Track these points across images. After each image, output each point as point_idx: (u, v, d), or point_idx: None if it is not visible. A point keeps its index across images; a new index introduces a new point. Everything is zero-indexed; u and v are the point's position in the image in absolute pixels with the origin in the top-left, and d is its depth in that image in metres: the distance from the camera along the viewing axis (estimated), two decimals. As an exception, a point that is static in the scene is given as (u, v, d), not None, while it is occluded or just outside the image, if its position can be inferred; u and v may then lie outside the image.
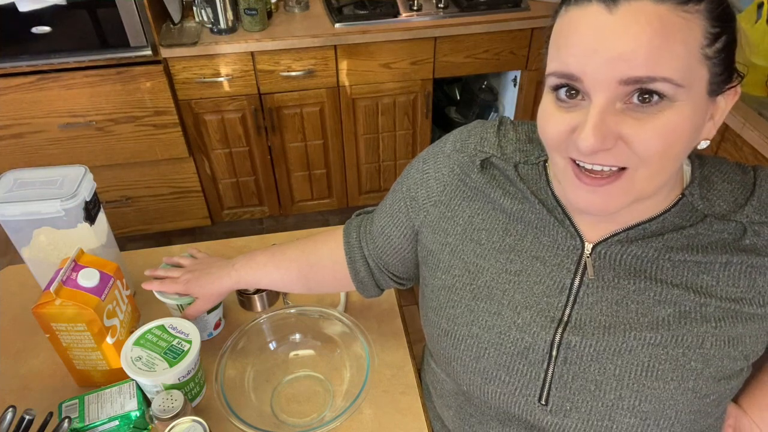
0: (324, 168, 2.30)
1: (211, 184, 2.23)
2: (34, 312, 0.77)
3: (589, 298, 0.60)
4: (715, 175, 0.61)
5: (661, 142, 0.49)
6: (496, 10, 2.05)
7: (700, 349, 0.57)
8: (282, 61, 1.96)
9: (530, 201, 0.64)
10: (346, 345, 0.86)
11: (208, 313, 0.91)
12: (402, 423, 0.83)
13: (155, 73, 1.87)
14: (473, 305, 0.65)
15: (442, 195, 0.70)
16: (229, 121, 2.06)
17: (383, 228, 0.78)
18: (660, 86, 0.47)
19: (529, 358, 0.62)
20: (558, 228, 0.62)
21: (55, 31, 1.74)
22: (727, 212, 0.59)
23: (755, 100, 1.63)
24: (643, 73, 0.46)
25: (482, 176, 0.67)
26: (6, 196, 0.86)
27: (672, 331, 0.58)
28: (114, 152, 2.02)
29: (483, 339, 0.64)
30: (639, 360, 0.58)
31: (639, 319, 0.59)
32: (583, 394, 0.60)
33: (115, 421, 0.77)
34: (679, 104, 0.48)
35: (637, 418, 0.59)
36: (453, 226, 0.68)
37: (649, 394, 0.58)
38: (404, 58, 2.04)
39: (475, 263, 0.66)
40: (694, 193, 0.59)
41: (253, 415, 0.78)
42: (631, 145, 0.49)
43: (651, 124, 0.48)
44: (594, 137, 0.48)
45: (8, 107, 1.85)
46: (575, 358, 0.60)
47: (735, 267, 0.57)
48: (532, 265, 0.63)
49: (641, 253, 0.59)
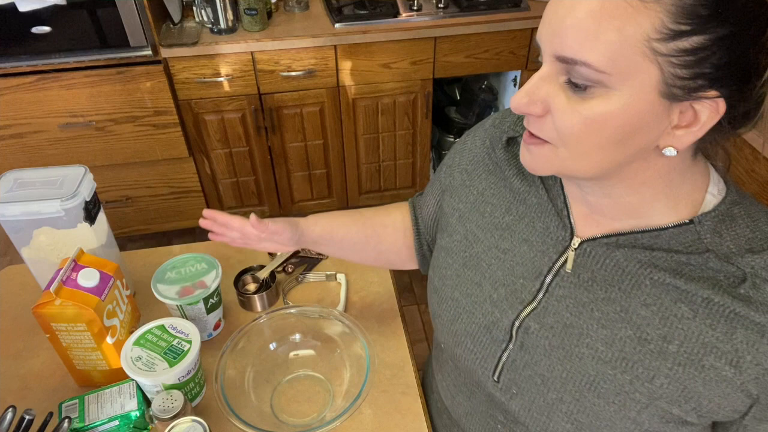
0: (324, 168, 2.30)
1: (211, 184, 2.23)
2: (34, 312, 0.77)
3: (559, 291, 0.60)
4: (742, 217, 0.54)
5: (580, 125, 0.48)
6: (496, 10, 2.05)
7: (649, 384, 0.55)
8: (282, 61, 1.96)
9: (536, 185, 0.65)
10: (346, 345, 0.86)
11: (208, 314, 0.91)
12: (402, 423, 0.83)
13: (155, 73, 1.87)
14: (461, 271, 0.68)
15: (469, 164, 0.72)
16: (229, 121, 2.06)
17: (426, 199, 0.82)
18: (580, 69, 0.46)
19: (493, 333, 0.65)
20: (553, 216, 0.62)
21: (55, 31, 1.74)
22: (732, 254, 0.52)
23: (755, 100, 1.62)
24: (568, 54, 0.46)
25: (505, 153, 0.68)
26: (6, 196, 0.86)
27: (625, 354, 0.55)
28: (114, 152, 2.02)
29: (461, 304, 0.68)
30: (585, 371, 0.57)
31: (597, 329, 0.57)
32: (529, 384, 0.62)
33: (115, 421, 0.77)
34: (614, 95, 0.46)
35: (573, 425, 0.59)
36: (467, 195, 0.71)
37: (587, 408, 0.58)
38: (404, 58, 2.04)
39: (473, 233, 0.69)
40: (705, 223, 0.54)
41: (253, 415, 0.78)
42: (555, 122, 0.50)
43: (578, 107, 0.48)
44: (521, 98, 0.50)
45: (8, 107, 1.85)
46: (530, 347, 0.61)
47: (717, 308, 0.52)
48: (519, 247, 0.64)
49: (624, 261, 0.57)
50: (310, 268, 1.08)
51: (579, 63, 0.46)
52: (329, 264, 1.09)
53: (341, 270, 1.07)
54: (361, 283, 1.06)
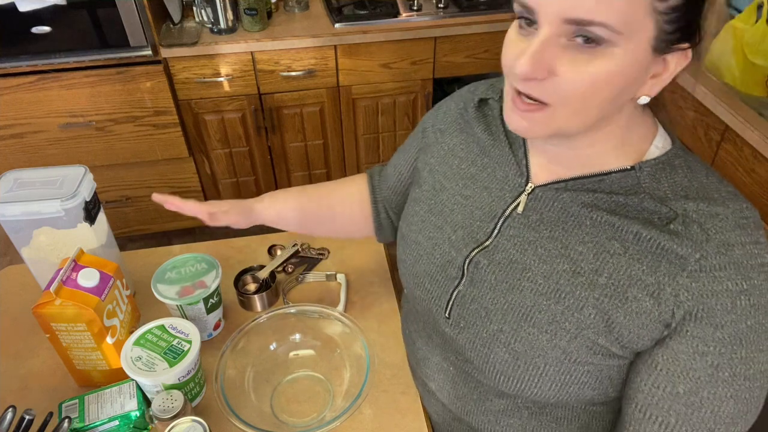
0: (324, 168, 2.30)
1: (211, 184, 2.23)
2: (34, 312, 0.77)
3: (509, 231, 0.65)
4: (681, 167, 0.59)
5: (587, 85, 0.50)
6: (496, 10, 2.05)
7: (578, 313, 0.59)
8: (282, 61, 1.96)
9: (499, 138, 0.70)
10: (346, 345, 0.86)
11: (208, 314, 0.91)
12: (402, 423, 0.83)
13: (155, 73, 1.87)
14: (426, 217, 0.73)
15: (443, 124, 0.78)
16: (229, 121, 2.06)
17: (396, 165, 0.87)
18: (597, 30, 0.48)
19: (448, 272, 0.69)
20: (513, 165, 0.67)
21: (55, 31, 1.74)
22: (667, 198, 0.57)
23: (755, 100, 1.63)
24: (584, 16, 0.47)
25: (476, 112, 0.74)
26: (6, 196, 0.86)
27: (559, 286, 0.60)
28: (114, 152, 2.02)
29: (422, 246, 0.73)
30: (524, 302, 0.62)
31: (539, 265, 0.61)
32: (474, 317, 0.66)
33: (115, 421, 0.77)
34: (617, 52, 0.49)
35: (510, 354, 0.63)
36: (439, 150, 0.76)
37: (523, 337, 0.62)
38: (404, 58, 2.04)
39: (441, 183, 0.74)
40: (645, 169, 0.58)
41: (253, 415, 0.78)
42: (559, 83, 0.51)
43: (584, 67, 0.50)
44: (528, 64, 0.50)
45: (8, 107, 1.85)
46: (478, 281, 0.66)
47: (646, 243, 0.56)
48: (480, 193, 0.69)
49: (570, 203, 0.61)
50: (310, 268, 1.08)
51: (596, 24, 0.47)
52: (329, 264, 1.09)
53: (341, 270, 1.07)
54: (361, 283, 1.06)
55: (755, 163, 1.55)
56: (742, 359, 0.55)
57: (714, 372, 0.55)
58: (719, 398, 0.56)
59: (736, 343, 0.54)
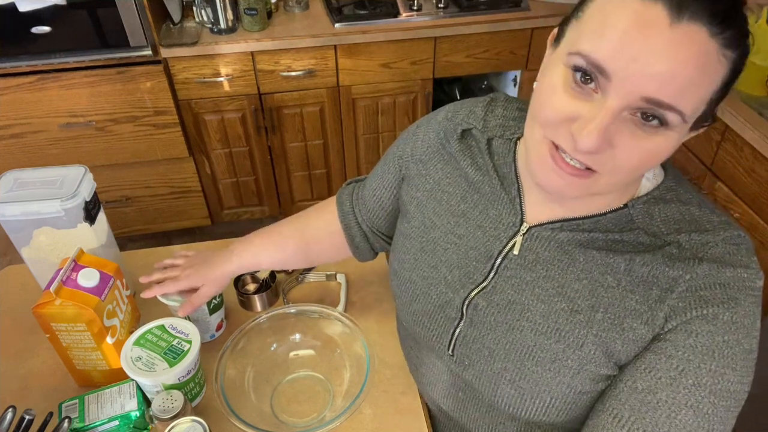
0: (324, 168, 2.30)
1: (211, 184, 2.23)
2: (34, 312, 0.77)
3: (506, 272, 0.65)
4: (674, 201, 0.60)
5: (642, 160, 0.50)
6: (496, 10, 2.05)
7: (579, 351, 0.59)
8: (282, 61, 1.96)
9: (490, 175, 0.68)
10: (346, 345, 0.86)
11: (211, 315, 0.91)
12: (402, 423, 0.83)
13: (155, 73, 1.87)
14: (419, 255, 0.73)
15: (424, 155, 0.76)
16: (229, 121, 2.06)
17: (375, 191, 0.84)
18: (670, 115, 0.47)
19: (447, 312, 0.69)
20: (506, 204, 0.66)
21: (54, 31, 1.74)
22: (660, 233, 0.58)
23: (755, 100, 1.63)
24: (666, 99, 0.46)
25: (459, 144, 0.72)
26: (6, 196, 0.86)
27: (558, 325, 0.60)
28: (114, 152, 2.02)
29: (417, 285, 0.72)
30: (525, 342, 0.62)
31: (537, 305, 0.62)
32: (478, 356, 0.67)
33: (115, 421, 0.77)
34: (671, 133, 0.49)
35: (516, 391, 0.64)
36: (424, 183, 0.75)
37: (527, 375, 0.62)
38: (404, 58, 2.04)
39: (431, 219, 0.73)
40: (637, 207, 0.59)
41: (253, 415, 0.78)
42: (614, 155, 0.50)
43: (642, 143, 0.49)
44: (596, 140, 0.48)
45: (8, 107, 1.85)
46: (478, 323, 0.66)
47: (637, 271, 0.57)
48: (474, 233, 0.68)
49: (566, 242, 0.62)
50: (310, 268, 1.08)
51: (675, 110, 0.47)
52: (329, 264, 1.09)
53: (341, 270, 1.07)
54: (361, 283, 1.06)
55: (755, 163, 1.55)
56: (709, 371, 0.54)
57: (677, 376, 0.55)
58: (677, 404, 0.54)
59: (708, 354, 0.54)
